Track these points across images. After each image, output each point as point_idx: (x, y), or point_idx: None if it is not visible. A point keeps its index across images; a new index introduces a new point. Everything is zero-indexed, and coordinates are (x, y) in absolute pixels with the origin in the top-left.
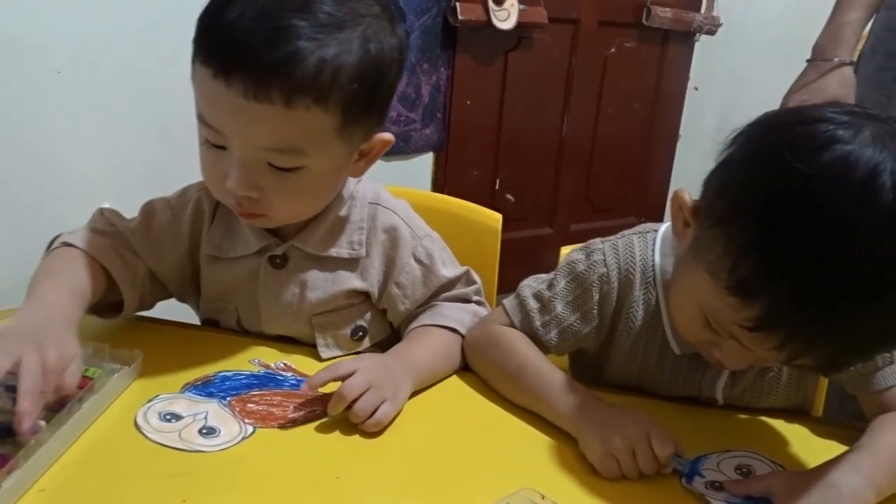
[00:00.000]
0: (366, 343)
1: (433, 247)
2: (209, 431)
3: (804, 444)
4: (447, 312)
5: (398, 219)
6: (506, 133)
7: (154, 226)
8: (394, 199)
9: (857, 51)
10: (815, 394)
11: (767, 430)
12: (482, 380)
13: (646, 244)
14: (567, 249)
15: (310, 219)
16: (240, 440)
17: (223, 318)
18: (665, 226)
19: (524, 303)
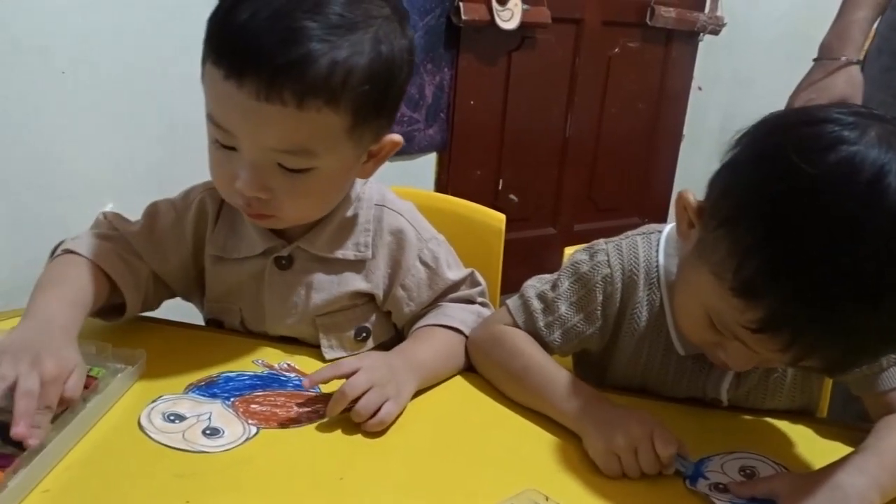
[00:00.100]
0: (369, 344)
1: (439, 249)
2: (213, 432)
3: (809, 446)
4: (451, 312)
5: (404, 221)
6: (509, 133)
7: (157, 228)
8: (400, 201)
9: (864, 50)
10: (820, 395)
11: (772, 432)
12: (486, 380)
13: (649, 245)
14: (571, 250)
15: (316, 220)
16: (243, 441)
17: (227, 319)
18: (669, 226)
19: (528, 303)
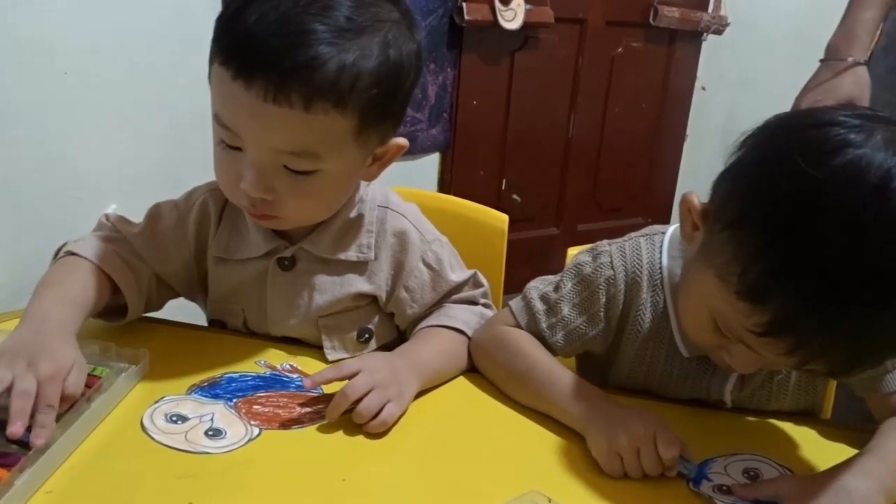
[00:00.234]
0: (372, 345)
1: (442, 251)
2: (215, 433)
3: (813, 448)
4: (454, 313)
5: (407, 223)
6: (512, 133)
7: (159, 230)
8: (403, 203)
9: (870, 50)
10: (824, 396)
11: (776, 433)
12: (489, 381)
13: (653, 247)
14: (574, 250)
15: (319, 222)
16: (246, 442)
17: (230, 320)
18: (673, 228)
19: (530, 304)
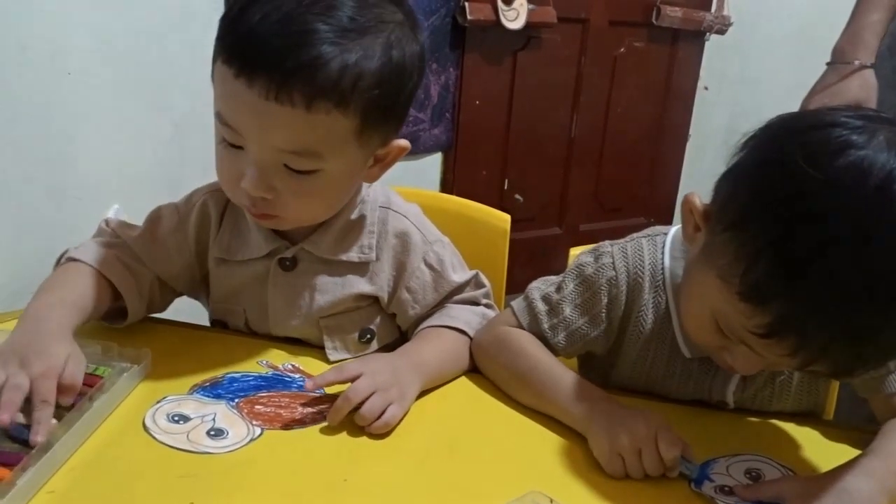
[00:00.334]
0: (373, 346)
1: (444, 252)
2: (217, 433)
3: (815, 448)
4: (455, 314)
5: (409, 223)
6: (515, 133)
7: (159, 232)
8: (405, 204)
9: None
10: (827, 397)
11: (778, 434)
12: (490, 381)
13: (655, 247)
14: (577, 250)
15: (321, 222)
16: (248, 442)
17: (231, 320)
18: (675, 228)
19: (532, 305)
